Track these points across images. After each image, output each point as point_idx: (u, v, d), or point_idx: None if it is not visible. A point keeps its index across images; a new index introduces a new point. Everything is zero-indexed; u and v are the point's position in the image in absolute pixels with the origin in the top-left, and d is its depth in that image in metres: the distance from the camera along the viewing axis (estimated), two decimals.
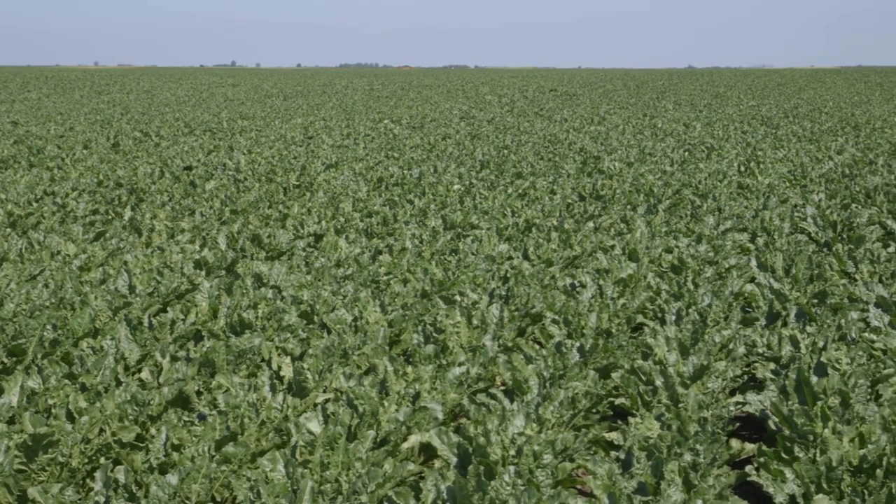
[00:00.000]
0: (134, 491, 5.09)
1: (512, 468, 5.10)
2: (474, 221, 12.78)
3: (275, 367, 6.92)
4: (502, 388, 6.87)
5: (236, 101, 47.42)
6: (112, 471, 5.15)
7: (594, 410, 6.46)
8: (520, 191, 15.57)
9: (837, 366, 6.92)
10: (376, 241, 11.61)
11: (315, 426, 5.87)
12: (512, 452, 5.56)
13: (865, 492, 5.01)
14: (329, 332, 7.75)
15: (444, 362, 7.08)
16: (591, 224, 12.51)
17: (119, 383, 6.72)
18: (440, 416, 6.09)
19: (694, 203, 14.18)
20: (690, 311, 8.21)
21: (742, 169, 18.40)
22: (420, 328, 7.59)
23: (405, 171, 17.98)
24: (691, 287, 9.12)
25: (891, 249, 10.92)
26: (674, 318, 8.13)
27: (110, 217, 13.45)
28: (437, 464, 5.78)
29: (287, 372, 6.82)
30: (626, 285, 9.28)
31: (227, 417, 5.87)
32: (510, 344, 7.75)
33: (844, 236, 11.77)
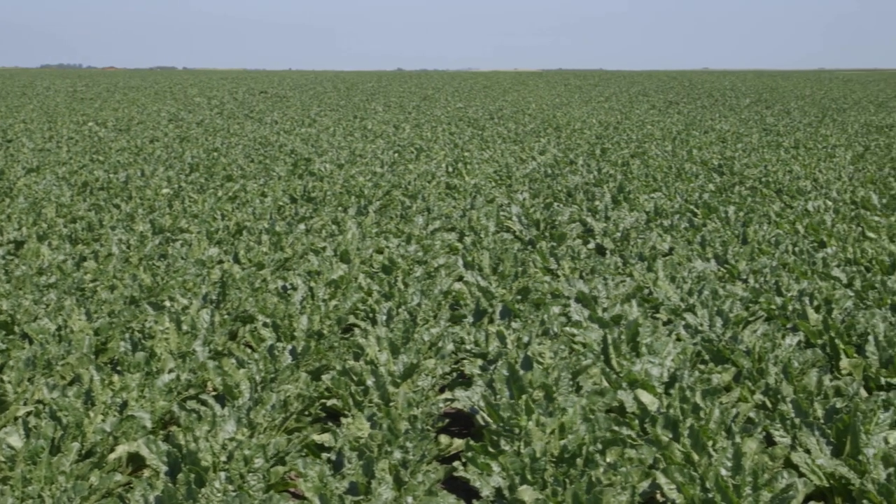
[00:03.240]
0: None
1: (223, 474, 5.06)
2: (184, 225, 12.58)
3: None
4: (214, 393, 6.80)
5: None
6: None
7: (306, 413, 6.47)
8: (230, 193, 15.41)
9: (541, 360, 7.17)
10: (81, 247, 11.26)
11: (16, 440, 5.65)
12: (223, 458, 5.50)
13: (567, 481, 5.21)
14: (31, 343, 7.48)
15: (153, 369, 6.94)
16: (302, 226, 12.50)
17: None
18: (149, 425, 5.98)
19: (404, 204, 14.39)
20: (401, 310, 8.32)
21: (450, 170, 18.79)
22: (128, 335, 7.41)
23: (111, 175, 17.51)
24: (402, 287, 9.25)
25: (590, 246, 11.42)
26: (385, 318, 8.23)
27: None
28: (147, 473, 5.66)
29: None
30: (338, 286, 9.32)
31: None
32: (221, 348, 7.66)
33: (547, 234, 12.20)
